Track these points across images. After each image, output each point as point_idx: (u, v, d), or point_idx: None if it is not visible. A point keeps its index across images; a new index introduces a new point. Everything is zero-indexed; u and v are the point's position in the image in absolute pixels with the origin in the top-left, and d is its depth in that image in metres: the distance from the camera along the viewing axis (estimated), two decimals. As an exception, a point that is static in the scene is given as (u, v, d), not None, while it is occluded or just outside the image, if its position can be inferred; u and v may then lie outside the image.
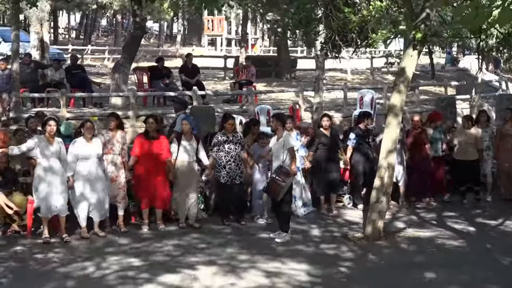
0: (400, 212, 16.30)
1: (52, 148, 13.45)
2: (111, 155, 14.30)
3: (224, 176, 15.02)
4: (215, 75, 37.23)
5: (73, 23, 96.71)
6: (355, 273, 11.95)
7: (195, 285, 11.19)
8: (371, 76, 40.00)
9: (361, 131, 16.71)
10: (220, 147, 15.06)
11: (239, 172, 15.12)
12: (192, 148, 14.85)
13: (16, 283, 11.25)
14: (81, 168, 13.73)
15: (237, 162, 15.08)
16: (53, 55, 32.92)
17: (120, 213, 14.46)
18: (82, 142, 13.81)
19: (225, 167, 15.01)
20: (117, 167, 14.36)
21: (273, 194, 13.78)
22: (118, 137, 14.44)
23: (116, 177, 14.34)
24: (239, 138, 15.24)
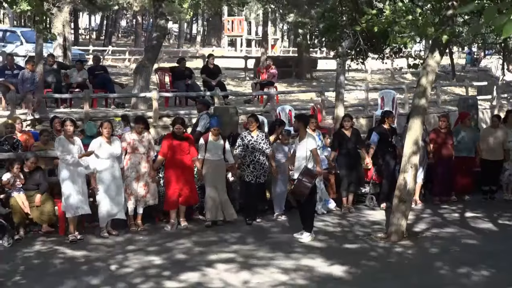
0: (423, 212, 16.26)
1: (74, 148, 13.59)
2: (135, 155, 14.41)
3: (249, 174, 15.14)
4: (235, 76, 37.28)
5: (93, 25, 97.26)
6: (379, 272, 11.95)
7: (215, 282, 11.27)
8: (391, 76, 39.92)
9: (384, 131, 16.72)
10: (244, 147, 15.16)
11: (263, 172, 15.22)
12: (219, 146, 14.97)
13: (40, 280, 11.35)
14: (100, 168, 13.85)
15: (260, 161, 15.16)
16: (75, 56, 33.12)
17: (139, 211, 14.55)
18: (101, 142, 13.91)
19: (249, 166, 15.12)
20: (141, 167, 14.43)
21: (299, 196, 13.81)
22: (144, 138, 14.55)
23: (139, 177, 14.43)
24: (263, 138, 15.30)
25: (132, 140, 14.44)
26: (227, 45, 68.73)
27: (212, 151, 14.91)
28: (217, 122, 15.32)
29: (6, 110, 21.32)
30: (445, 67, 43.72)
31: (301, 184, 13.65)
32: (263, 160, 15.21)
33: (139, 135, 14.51)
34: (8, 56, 24.12)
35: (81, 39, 71.05)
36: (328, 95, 25.72)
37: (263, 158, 15.20)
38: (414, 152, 13.87)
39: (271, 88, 25.63)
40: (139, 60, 30.67)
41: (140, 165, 14.43)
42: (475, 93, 30.57)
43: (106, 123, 14.12)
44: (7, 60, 23.43)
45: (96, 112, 21.96)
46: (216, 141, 14.96)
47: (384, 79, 38.98)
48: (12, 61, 23.32)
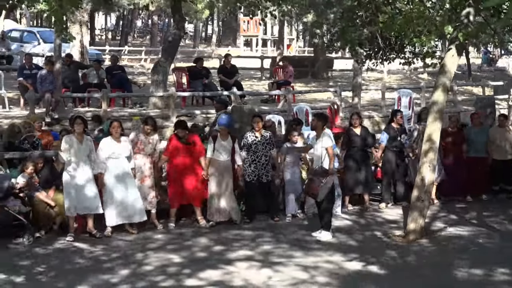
0: (440, 211, 16.25)
1: (82, 147, 13.56)
2: (141, 155, 14.37)
3: (250, 174, 15.09)
4: (252, 76, 37.34)
5: (109, 25, 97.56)
6: (397, 271, 12.02)
7: (236, 280, 11.36)
8: (408, 76, 39.87)
9: (392, 130, 16.67)
10: (247, 147, 15.12)
11: (265, 171, 15.13)
12: (228, 147, 14.90)
13: (60, 278, 11.46)
14: (110, 167, 13.86)
15: (262, 161, 15.09)
16: (92, 56, 33.28)
17: (152, 211, 14.51)
18: (110, 141, 13.94)
19: (251, 165, 15.07)
20: (146, 168, 14.41)
21: (312, 194, 13.87)
22: (152, 139, 14.54)
23: (145, 177, 14.40)
24: (268, 138, 15.23)
25: (139, 141, 14.43)
26: (243, 45, 68.72)
27: (220, 151, 14.83)
28: (226, 121, 15.30)
29: (25, 110, 21.47)
30: (461, 67, 43.58)
31: (312, 183, 13.74)
32: (266, 160, 15.15)
33: (146, 136, 14.50)
34: (27, 56, 24.28)
35: (97, 39, 71.21)
36: (345, 95, 25.71)
37: (265, 158, 15.14)
38: (431, 150, 13.90)
39: (288, 87, 25.64)
40: (156, 60, 30.76)
41: (145, 166, 14.39)
42: (492, 93, 30.48)
43: (115, 123, 14.11)
44: (25, 60, 23.58)
45: (114, 111, 22.04)
46: (224, 141, 14.88)
47: (401, 79, 38.92)
48: (31, 61, 23.47)
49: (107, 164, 13.85)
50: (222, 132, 14.96)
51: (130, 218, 13.98)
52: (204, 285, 11.15)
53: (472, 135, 17.51)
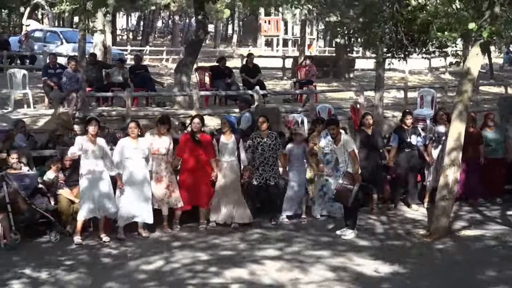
0: (463, 211, 16.23)
1: (94, 148, 13.43)
2: (156, 156, 14.24)
3: (257, 177, 14.98)
4: (273, 75, 37.38)
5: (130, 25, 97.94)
6: (422, 269, 12.05)
7: (264, 279, 11.42)
8: (429, 76, 39.77)
9: (403, 131, 16.43)
10: (254, 149, 15.01)
11: (272, 173, 15.01)
12: (231, 147, 14.83)
13: (88, 275, 11.57)
14: (127, 168, 13.78)
15: (270, 163, 14.97)
16: (115, 55, 33.43)
17: (164, 213, 14.35)
18: (128, 142, 13.87)
19: (258, 168, 14.95)
20: (162, 168, 14.30)
21: (344, 200, 13.88)
22: (165, 139, 14.41)
23: (162, 178, 14.29)
24: (273, 139, 15.08)
25: (152, 142, 14.27)
26: (264, 45, 68.78)
27: (223, 152, 14.74)
28: (232, 118, 15.39)
29: (49, 109, 21.64)
30: (483, 67, 43.35)
31: (342, 188, 13.76)
32: (273, 161, 15.02)
33: (160, 136, 14.41)
34: (52, 55, 24.45)
35: (118, 40, 71.45)
36: (367, 95, 25.72)
37: (273, 159, 15.01)
38: (456, 150, 13.91)
39: (310, 87, 25.69)
40: (177, 60, 30.86)
41: (160, 167, 14.28)
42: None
43: (132, 123, 14.03)
44: (50, 59, 23.75)
45: (137, 110, 22.16)
46: (227, 141, 14.77)
47: (422, 79, 38.84)
48: (55, 60, 23.63)
49: (124, 165, 13.80)
50: (225, 132, 14.85)
51: (140, 218, 13.87)
52: (231, 283, 11.23)
53: (484, 136, 17.21)
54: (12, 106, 22.26)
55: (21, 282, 11.21)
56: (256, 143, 14.97)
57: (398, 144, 16.33)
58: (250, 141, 15.08)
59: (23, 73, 23.39)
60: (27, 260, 12.21)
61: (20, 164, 14.06)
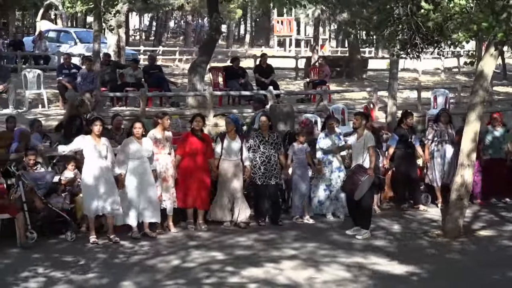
0: (479, 210, 16.23)
1: (99, 148, 13.42)
2: (161, 155, 14.26)
3: (260, 177, 14.94)
4: (286, 76, 37.40)
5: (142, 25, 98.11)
6: (438, 269, 12.05)
7: (280, 278, 11.44)
8: (442, 76, 39.68)
9: (403, 132, 16.41)
10: (255, 148, 15.00)
11: (274, 173, 14.99)
12: (236, 147, 14.78)
13: (105, 274, 11.60)
14: (132, 168, 13.77)
15: (272, 162, 14.97)
16: (128, 55, 33.54)
17: (169, 213, 14.35)
18: (132, 141, 13.85)
19: (261, 168, 14.94)
20: (167, 167, 14.33)
21: (350, 191, 13.91)
22: (168, 137, 14.45)
23: (167, 177, 14.32)
24: (275, 138, 15.12)
25: (157, 141, 14.25)
26: (276, 45, 68.78)
27: (228, 151, 14.72)
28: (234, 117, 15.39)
29: (64, 109, 21.72)
30: (496, 67, 43.25)
31: (351, 179, 13.78)
32: (275, 160, 15.03)
33: (163, 134, 14.37)
34: (66, 55, 24.56)
35: (131, 40, 71.60)
36: (380, 95, 25.72)
37: (274, 159, 15.02)
38: (471, 150, 13.90)
39: (323, 87, 25.71)
40: (190, 60, 30.88)
41: (167, 165, 14.32)
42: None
43: (136, 123, 14.02)
44: (64, 60, 23.86)
45: (151, 110, 22.20)
46: (232, 141, 14.75)
47: (435, 79, 38.77)
48: (70, 61, 23.74)
49: (128, 165, 13.78)
50: (229, 132, 14.85)
51: (146, 218, 13.87)
52: (247, 282, 11.25)
53: (487, 136, 17.15)
54: (26, 106, 22.38)
55: (37, 281, 11.25)
56: (258, 142, 15.01)
57: (398, 144, 16.32)
58: (251, 140, 15.10)
59: (38, 73, 23.51)
60: (43, 259, 12.26)
61: (37, 163, 14.12)
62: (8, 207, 13.10)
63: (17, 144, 14.92)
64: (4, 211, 13.02)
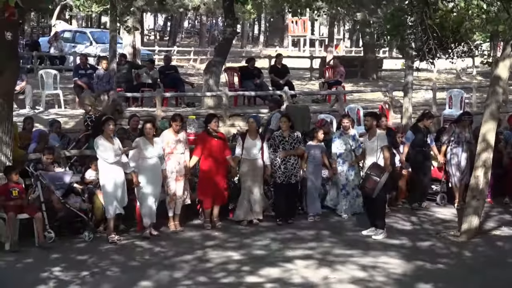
0: (493, 210, 16.18)
1: (113, 148, 13.53)
2: (174, 155, 14.33)
3: (280, 176, 14.98)
4: (301, 76, 37.44)
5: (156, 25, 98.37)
6: (453, 269, 12.12)
7: (295, 278, 11.52)
8: (457, 76, 39.59)
9: (420, 130, 16.43)
10: (275, 148, 15.08)
11: (294, 172, 15.07)
12: (257, 146, 14.86)
13: (123, 274, 11.72)
14: (143, 168, 13.84)
15: (292, 161, 15.03)
16: (144, 56, 33.64)
17: (177, 212, 14.42)
18: (143, 142, 13.91)
19: (281, 167, 15.00)
20: (181, 168, 14.41)
21: (369, 190, 13.90)
22: (181, 137, 14.50)
23: (181, 177, 14.39)
24: (295, 137, 15.18)
25: (169, 141, 14.36)
26: (291, 45, 68.82)
27: (249, 150, 14.83)
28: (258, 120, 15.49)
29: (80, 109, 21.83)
30: (511, 66, 43.08)
31: (369, 178, 13.79)
32: (295, 159, 15.10)
33: (176, 135, 14.47)
34: (82, 56, 24.68)
35: (145, 40, 71.75)
36: (395, 95, 25.72)
37: (295, 158, 15.09)
38: (486, 151, 13.91)
39: (339, 87, 25.75)
40: (205, 60, 30.93)
41: (180, 166, 14.37)
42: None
43: (148, 124, 14.09)
44: (80, 60, 23.98)
45: (167, 111, 22.27)
46: (253, 140, 14.86)
47: (450, 79, 38.71)
48: (86, 61, 23.86)
49: (139, 164, 13.86)
50: (251, 131, 14.97)
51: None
52: (264, 282, 11.34)
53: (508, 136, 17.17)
54: (43, 106, 22.50)
55: (55, 281, 11.36)
56: (278, 141, 15.08)
57: (414, 143, 16.32)
58: (272, 140, 15.22)
59: (54, 74, 23.64)
60: (61, 259, 12.38)
61: (54, 163, 14.22)
62: (27, 207, 13.22)
63: (35, 144, 15.05)
64: (23, 211, 13.13)
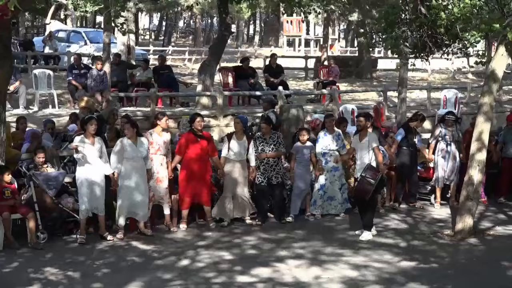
0: (488, 210, 16.19)
1: (94, 147, 13.37)
2: (157, 156, 14.17)
3: (259, 177, 14.93)
4: (296, 75, 37.44)
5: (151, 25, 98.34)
6: (447, 269, 12.10)
7: (286, 278, 11.50)
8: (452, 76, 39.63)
9: (410, 129, 16.36)
10: (256, 149, 14.95)
11: (274, 173, 14.93)
12: (242, 147, 14.73)
13: (115, 274, 11.67)
14: (126, 168, 13.67)
15: (270, 162, 14.92)
16: (138, 55, 33.57)
17: (166, 212, 14.34)
18: (126, 142, 13.74)
19: (259, 167, 14.94)
20: (163, 168, 14.27)
21: (363, 193, 13.75)
22: (165, 138, 14.34)
23: (162, 178, 14.24)
24: (276, 139, 15.10)
25: (153, 141, 14.21)
26: (286, 45, 68.75)
27: (234, 151, 14.74)
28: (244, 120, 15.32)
29: (74, 109, 21.78)
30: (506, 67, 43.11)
31: (364, 181, 13.67)
32: (274, 161, 14.97)
33: (160, 135, 14.31)
34: (76, 55, 24.63)
35: (140, 39, 71.70)
36: (390, 95, 25.75)
37: (274, 160, 14.95)
38: (480, 151, 13.89)
39: (333, 87, 25.73)
40: (200, 60, 30.89)
41: (162, 166, 14.25)
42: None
43: (128, 125, 13.91)
44: (74, 60, 23.93)
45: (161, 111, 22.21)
46: (239, 141, 14.75)
47: (445, 79, 38.73)
48: (80, 60, 23.81)
49: (122, 165, 13.67)
50: (237, 132, 14.83)
51: (136, 215, 13.83)
52: (256, 281, 11.30)
53: (508, 135, 17.08)
54: (37, 106, 22.44)
55: (47, 281, 11.32)
56: (258, 144, 14.98)
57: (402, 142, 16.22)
58: (253, 141, 15.05)
59: (48, 73, 23.57)
60: (54, 259, 12.34)
61: (47, 163, 14.16)
62: (20, 207, 13.17)
63: (28, 144, 15.01)
64: (16, 211, 13.09)
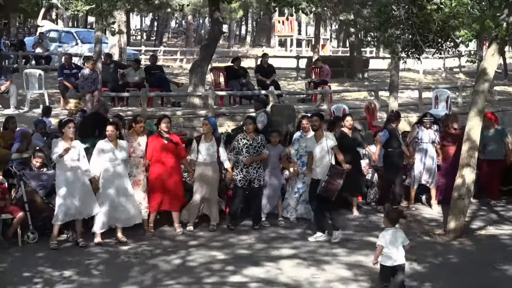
0: (479, 210, 16.20)
1: (72, 150, 13.06)
2: (133, 158, 14.01)
3: (241, 179, 14.60)
4: (287, 75, 37.45)
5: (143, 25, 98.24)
6: (439, 268, 12.12)
7: (281, 277, 11.50)
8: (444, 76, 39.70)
9: (394, 130, 16.04)
10: (238, 150, 14.70)
11: (257, 176, 14.62)
12: (212, 149, 14.45)
13: (107, 273, 11.67)
14: (106, 171, 13.46)
15: (254, 165, 14.65)
16: (130, 56, 33.52)
17: (145, 217, 14.04)
18: (106, 144, 13.52)
19: (243, 170, 14.62)
20: (139, 171, 14.09)
21: (329, 195, 13.41)
22: (140, 140, 14.17)
23: (139, 181, 14.06)
24: (259, 141, 14.75)
25: (130, 143, 14.03)
26: (277, 45, 68.83)
27: (203, 153, 14.39)
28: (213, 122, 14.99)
29: (65, 109, 21.72)
30: (497, 67, 43.22)
31: (331, 182, 13.35)
32: (257, 164, 14.69)
33: (136, 138, 14.16)
34: (67, 55, 24.57)
35: (132, 40, 71.64)
36: (381, 94, 25.76)
37: (257, 163, 14.68)
38: (471, 150, 13.89)
39: (325, 87, 25.73)
40: (192, 60, 30.84)
41: (137, 170, 14.07)
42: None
43: (109, 126, 13.70)
44: (65, 60, 23.87)
45: (153, 111, 22.21)
46: (207, 143, 14.40)
47: (436, 79, 38.79)
48: (71, 61, 23.75)
49: (102, 168, 13.46)
50: (206, 134, 14.49)
51: (120, 222, 13.54)
52: (249, 282, 11.32)
53: (486, 137, 16.61)
54: (28, 106, 22.37)
55: (38, 281, 11.31)
56: (241, 144, 14.67)
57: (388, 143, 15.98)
58: (235, 142, 14.82)
59: (39, 73, 23.51)
60: (44, 259, 12.34)
61: (43, 165, 14.09)
62: (10, 207, 13.12)
63: (18, 144, 14.96)
64: (6, 211, 13.05)
